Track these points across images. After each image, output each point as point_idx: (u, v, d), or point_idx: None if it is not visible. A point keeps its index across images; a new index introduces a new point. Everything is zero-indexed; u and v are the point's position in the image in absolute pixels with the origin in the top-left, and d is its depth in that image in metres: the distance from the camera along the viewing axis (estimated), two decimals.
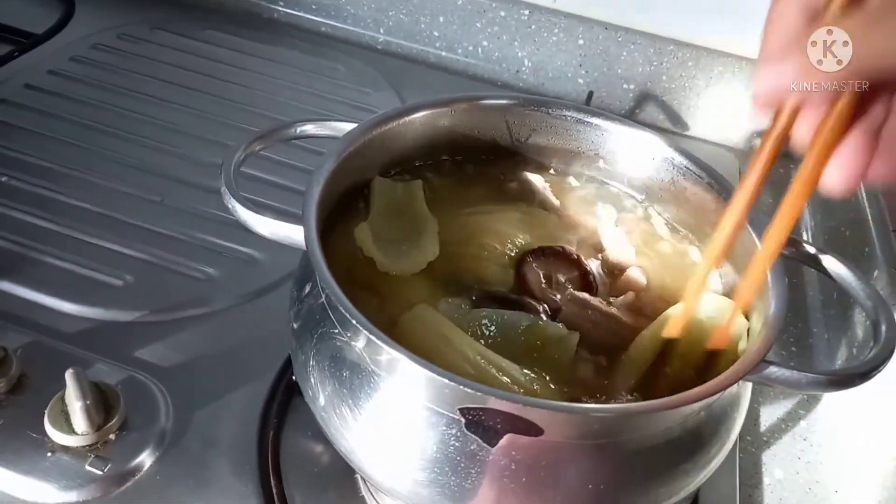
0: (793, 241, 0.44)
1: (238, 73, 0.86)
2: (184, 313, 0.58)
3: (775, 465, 0.57)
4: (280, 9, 0.98)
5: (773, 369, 0.35)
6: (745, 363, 0.34)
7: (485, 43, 0.94)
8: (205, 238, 0.64)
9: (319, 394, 0.38)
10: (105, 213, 0.64)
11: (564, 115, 0.51)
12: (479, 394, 0.31)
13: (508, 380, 0.39)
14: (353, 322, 0.33)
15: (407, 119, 0.47)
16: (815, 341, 0.67)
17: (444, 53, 0.95)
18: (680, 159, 0.48)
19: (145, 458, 0.48)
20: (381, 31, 0.96)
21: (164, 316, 0.57)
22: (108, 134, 0.73)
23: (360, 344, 0.36)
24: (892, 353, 0.36)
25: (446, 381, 0.32)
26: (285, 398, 0.51)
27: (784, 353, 0.66)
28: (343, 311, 0.34)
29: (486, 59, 0.94)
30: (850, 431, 0.58)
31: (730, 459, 0.54)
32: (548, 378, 0.41)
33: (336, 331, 0.37)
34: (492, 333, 0.43)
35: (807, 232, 0.79)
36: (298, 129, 0.45)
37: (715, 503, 0.51)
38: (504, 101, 0.50)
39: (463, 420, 0.33)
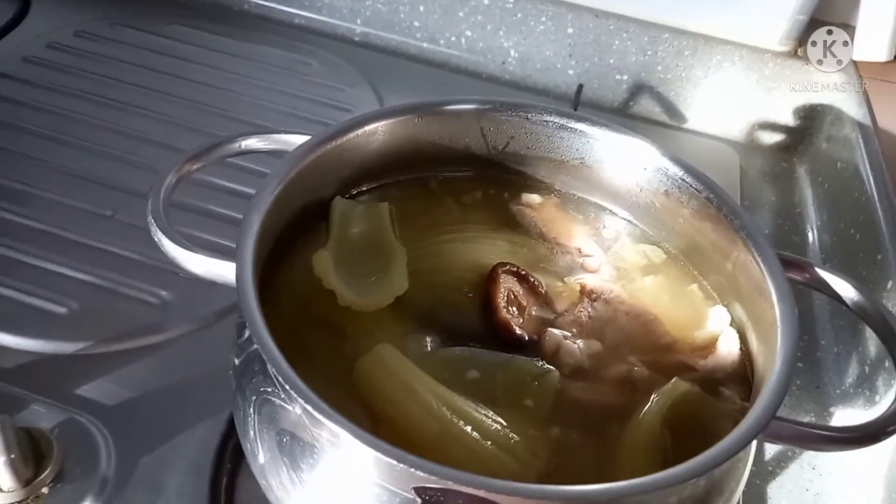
0: (801, 264, 0.39)
1: (204, 72, 0.80)
2: (133, 343, 0.53)
3: (781, 498, 0.52)
4: (251, 0, 0.92)
5: (784, 427, 0.30)
6: (753, 425, 0.29)
7: (468, 33, 0.88)
8: (160, 257, 0.58)
9: (259, 452, 0.33)
10: (49, 231, 0.59)
11: (545, 121, 0.45)
12: (433, 477, 0.26)
13: (478, 435, 0.34)
14: (288, 388, 0.28)
15: (366, 129, 0.42)
16: (823, 355, 0.62)
17: (425, 45, 0.90)
18: (675, 169, 0.43)
19: None
20: (358, 21, 0.90)
21: (112, 346, 0.52)
22: (57, 141, 0.67)
23: (298, 410, 0.30)
24: None
25: (394, 462, 0.27)
26: None
27: None
28: (275, 373, 0.28)
29: (469, 50, 0.89)
30: (862, 458, 0.53)
31: None
32: (527, 426, 0.36)
33: (272, 390, 0.32)
34: (464, 375, 0.38)
35: (812, 231, 0.74)
36: (242, 145, 0.40)
37: None
38: (477, 106, 0.45)
39: (419, 500, 0.28)
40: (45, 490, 0.43)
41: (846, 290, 0.38)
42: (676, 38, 0.81)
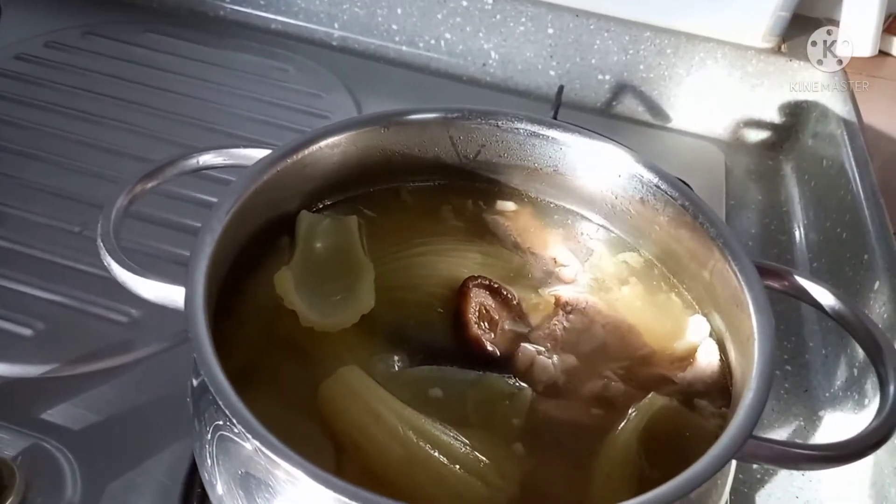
0: (779, 271, 0.38)
1: (178, 81, 0.78)
2: (102, 364, 0.51)
3: None
4: (227, 5, 0.90)
5: (761, 447, 0.29)
6: (727, 447, 0.28)
7: (447, 35, 0.87)
8: None
9: (217, 482, 0.32)
10: (13, 248, 0.57)
11: (516, 128, 0.44)
12: None
13: (446, 459, 0.33)
14: (238, 426, 0.27)
15: (329, 142, 0.40)
16: (811, 358, 0.61)
17: (404, 48, 0.88)
18: (649, 176, 0.42)
19: None
20: (336, 25, 0.89)
21: (79, 368, 0.51)
22: (25, 155, 0.66)
23: (249, 447, 0.29)
24: None
25: (347, 500, 0.25)
26: None
27: (778, 373, 0.59)
28: (226, 411, 0.27)
29: (449, 52, 0.87)
30: (852, 465, 0.52)
31: None
32: (498, 448, 0.35)
33: (224, 423, 0.30)
34: (433, 395, 0.37)
35: (799, 230, 0.73)
36: (199, 161, 0.38)
37: None
38: (445, 115, 0.43)
39: None
40: None
41: (826, 297, 0.36)
42: (658, 36, 0.80)
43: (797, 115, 0.81)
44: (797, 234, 0.73)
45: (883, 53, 0.83)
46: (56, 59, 0.79)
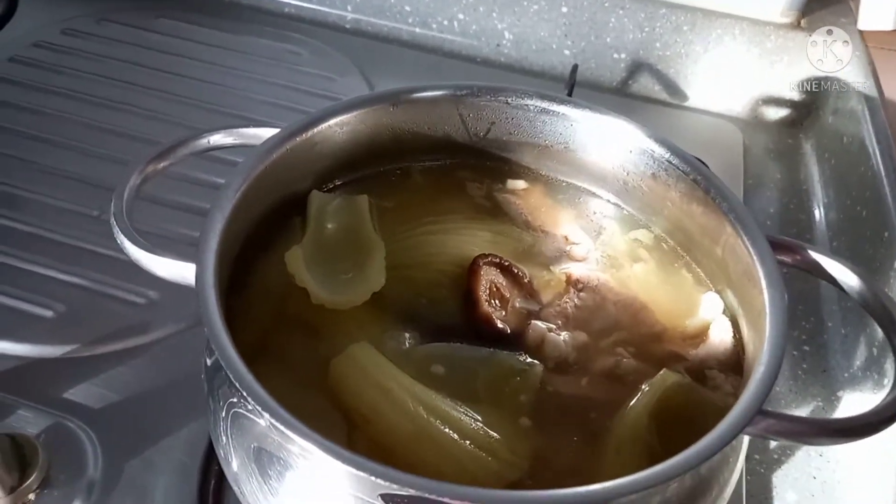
0: (793, 246, 0.37)
1: (193, 66, 0.79)
2: (121, 344, 0.52)
3: (787, 487, 0.50)
4: None
5: (770, 421, 0.29)
6: (735, 421, 0.28)
7: (461, 16, 0.86)
8: None
9: (232, 459, 0.33)
10: (34, 232, 0.58)
11: (526, 105, 0.44)
12: (395, 485, 0.25)
13: (456, 434, 0.33)
14: (252, 401, 0.27)
15: (338, 120, 0.40)
16: (829, 338, 0.60)
17: (417, 30, 0.88)
18: (660, 151, 0.41)
19: None
20: (349, 8, 0.89)
21: (99, 349, 0.52)
22: (43, 141, 0.67)
23: (263, 422, 0.29)
24: None
25: (357, 471, 0.25)
26: None
27: (796, 354, 0.59)
28: (238, 386, 0.27)
29: (462, 33, 0.87)
30: (872, 445, 0.51)
31: (736, 487, 0.48)
32: (508, 423, 0.35)
33: (238, 400, 0.31)
34: (444, 372, 0.37)
35: (819, 208, 0.72)
36: (209, 141, 0.39)
37: None
38: (454, 92, 0.43)
39: None
40: (31, 497, 0.43)
41: (840, 271, 0.36)
42: (674, 12, 0.79)
43: (817, 91, 0.79)
44: (817, 212, 0.72)
45: None
46: (73, 45, 0.80)
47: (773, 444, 0.52)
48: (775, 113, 0.82)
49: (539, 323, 0.39)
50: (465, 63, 0.86)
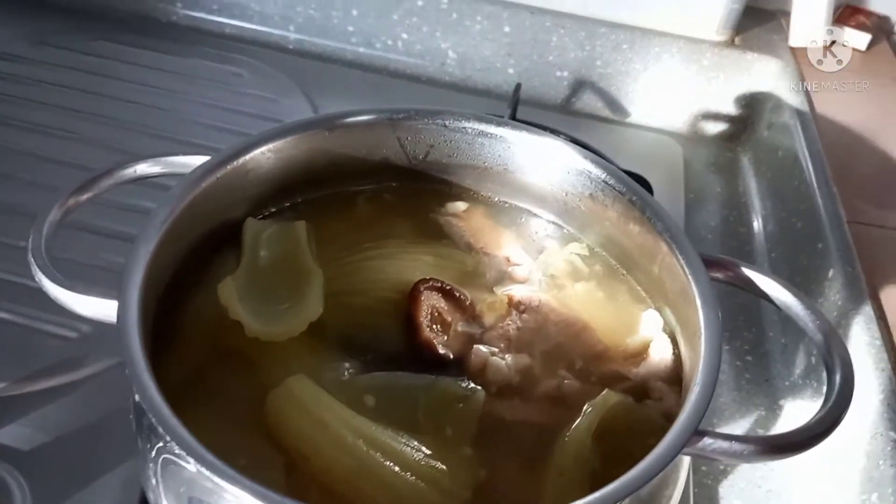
0: (726, 263, 0.38)
1: (132, 89, 0.77)
2: (51, 381, 0.50)
3: (734, 497, 0.51)
4: (179, 11, 0.89)
5: (707, 441, 0.29)
6: (672, 443, 0.28)
7: (404, 35, 0.86)
8: None
9: (162, 502, 0.31)
10: None
11: (464, 128, 0.43)
12: None
13: (398, 467, 0.32)
14: (178, 446, 0.26)
15: (270, 147, 0.40)
16: (770, 347, 0.61)
17: (361, 49, 0.88)
18: (597, 172, 0.41)
19: None
20: (291, 28, 0.88)
21: (28, 387, 0.49)
22: None
23: (192, 467, 0.28)
24: (846, 408, 0.30)
25: None
26: None
27: (739, 364, 0.60)
28: (162, 431, 0.26)
29: (407, 52, 0.87)
30: (817, 453, 0.52)
31: (682, 501, 0.48)
32: (451, 453, 0.34)
33: (163, 445, 0.30)
34: (384, 402, 0.36)
35: (758, 221, 0.74)
36: (136, 170, 0.37)
37: None
38: (391, 116, 0.43)
39: None
40: None
41: (772, 287, 0.36)
42: (613, 31, 0.80)
43: (752, 106, 0.82)
44: (756, 224, 0.73)
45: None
46: (5, 70, 0.77)
47: None
48: (714, 128, 0.84)
49: (482, 347, 0.39)
50: (410, 82, 0.86)
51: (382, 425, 0.34)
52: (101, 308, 0.32)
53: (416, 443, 0.34)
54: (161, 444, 0.29)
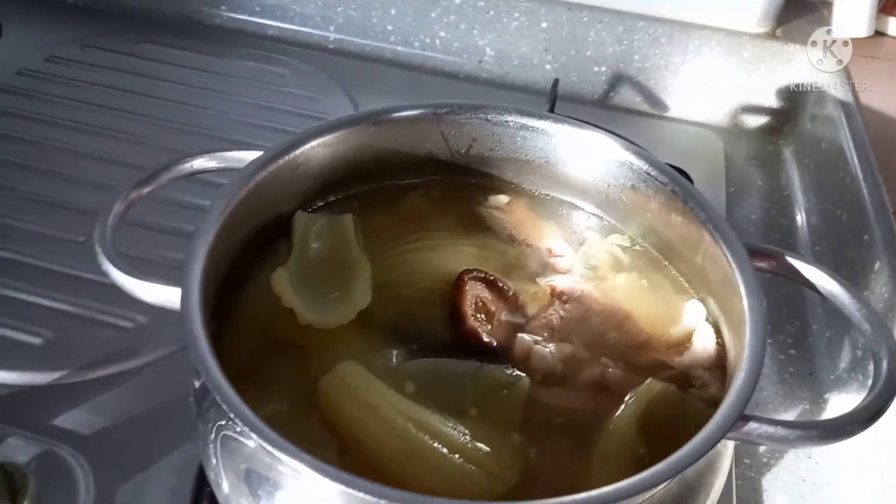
0: (771, 253, 0.38)
1: (177, 90, 0.79)
2: (110, 370, 0.52)
3: (777, 491, 0.51)
4: (223, 13, 0.91)
5: (752, 426, 0.29)
6: (716, 427, 0.28)
7: (442, 34, 0.87)
8: None
9: (223, 481, 0.33)
10: (19, 260, 0.58)
11: (506, 121, 0.44)
12: (384, 501, 0.26)
13: (446, 450, 0.33)
14: (240, 423, 0.27)
15: (320, 141, 0.41)
16: (815, 341, 0.61)
17: (399, 48, 0.89)
18: (639, 163, 0.42)
19: None
20: (332, 28, 0.90)
21: (88, 375, 0.52)
22: (27, 169, 0.67)
23: (252, 444, 0.30)
24: (893, 396, 0.30)
25: (345, 488, 0.26)
26: None
27: (782, 357, 0.60)
28: (226, 409, 0.27)
29: (444, 50, 0.88)
30: (859, 446, 0.52)
31: (726, 491, 0.48)
32: (497, 437, 0.35)
33: (225, 423, 0.31)
34: (431, 387, 0.37)
35: (801, 214, 0.73)
36: (192, 165, 0.39)
37: None
38: (434, 111, 0.44)
39: None
40: None
41: (817, 276, 0.36)
42: (651, 25, 0.80)
43: (795, 99, 0.81)
44: (799, 218, 0.73)
45: (879, 34, 0.82)
46: (56, 72, 0.80)
47: (762, 448, 0.53)
48: (755, 121, 0.83)
49: (525, 336, 0.40)
50: (448, 80, 0.87)
51: (430, 410, 0.35)
52: (165, 295, 0.33)
53: (463, 427, 0.35)
54: (222, 422, 0.31)
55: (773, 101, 0.82)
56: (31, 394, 0.50)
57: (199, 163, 0.39)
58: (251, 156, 0.39)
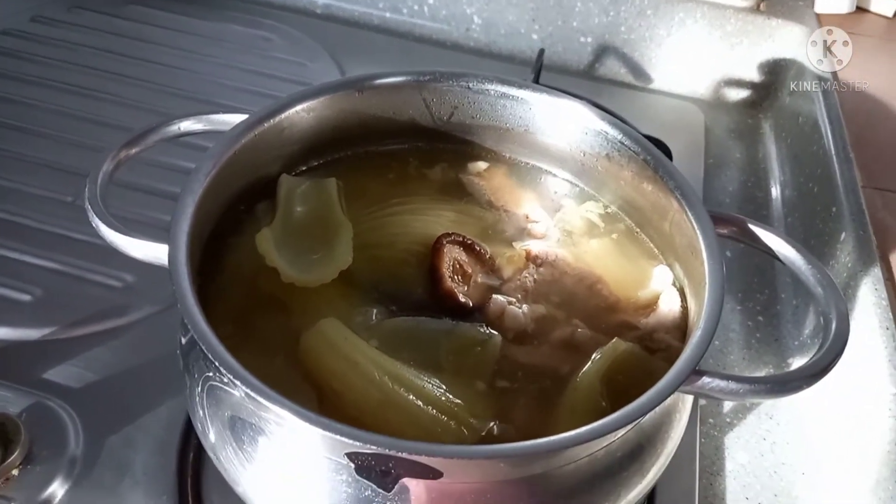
0: (733, 220, 0.40)
1: (163, 52, 0.80)
2: (98, 326, 0.54)
3: (739, 449, 0.53)
4: None
5: (705, 380, 0.31)
6: (672, 378, 0.30)
7: (430, 1, 0.87)
8: None
9: (209, 431, 0.34)
10: (9, 219, 0.59)
11: (487, 90, 0.45)
12: (358, 443, 0.27)
13: (420, 401, 0.35)
14: (225, 373, 0.29)
15: (304, 106, 0.42)
16: (782, 308, 0.63)
17: (387, 14, 0.89)
18: (613, 133, 0.43)
19: (55, 490, 0.45)
20: None
21: (77, 331, 0.53)
22: (15, 129, 0.68)
23: (238, 393, 0.31)
24: (841, 351, 0.32)
25: (324, 432, 0.27)
26: None
27: (750, 324, 0.62)
28: (212, 359, 0.29)
29: (432, 17, 0.88)
30: (820, 406, 0.54)
31: (690, 447, 0.51)
32: (469, 390, 0.37)
33: (211, 374, 0.33)
34: (408, 344, 0.39)
35: (776, 186, 0.75)
36: (179, 127, 0.40)
37: (673, 497, 0.48)
38: (417, 78, 0.45)
39: (352, 465, 0.29)
40: (14, 472, 0.44)
41: (775, 241, 0.38)
42: None
43: (776, 73, 0.82)
44: (774, 190, 0.74)
45: (861, 9, 0.83)
46: (43, 33, 0.80)
47: (726, 409, 0.56)
48: (736, 94, 0.84)
49: (499, 297, 0.41)
50: (435, 48, 0.88)
51: (407, 365, 0.37)
52: (153, 251, 0.35)
53: (437, 380, 0.36)
54: (209, 374, 0.32)
55: (754, 75, 0.83)
56: (22, 349, 0.52)
57: (186, 125, 0.40)
58: (237, 119, 0.40)
